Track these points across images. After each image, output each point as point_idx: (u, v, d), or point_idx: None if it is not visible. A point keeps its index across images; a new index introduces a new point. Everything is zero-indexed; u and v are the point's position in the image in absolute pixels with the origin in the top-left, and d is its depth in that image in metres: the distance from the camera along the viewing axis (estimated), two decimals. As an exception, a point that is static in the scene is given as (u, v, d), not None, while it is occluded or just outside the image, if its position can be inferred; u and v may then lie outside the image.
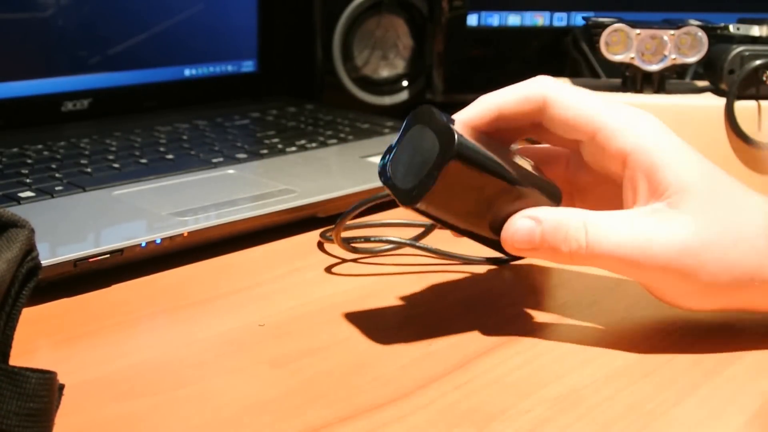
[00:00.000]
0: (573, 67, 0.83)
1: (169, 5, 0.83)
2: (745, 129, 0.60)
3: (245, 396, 0.37)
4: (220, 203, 0.56)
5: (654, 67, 0.62)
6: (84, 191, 0.58)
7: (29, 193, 0.56)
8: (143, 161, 0.65)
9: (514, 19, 0.84)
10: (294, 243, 0.56)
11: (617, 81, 0.65)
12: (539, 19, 0.84)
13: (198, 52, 0.86)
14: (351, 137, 0.75)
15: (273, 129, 0.78)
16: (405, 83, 0.91)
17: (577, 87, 0.45)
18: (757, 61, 0.60)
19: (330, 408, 0.36)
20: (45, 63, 0.76)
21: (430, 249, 0.52)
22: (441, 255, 0.53)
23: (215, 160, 0.66)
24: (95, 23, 0.78)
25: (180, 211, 0.54)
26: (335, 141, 0.74)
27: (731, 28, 0.64)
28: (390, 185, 0.41)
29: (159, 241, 0.50)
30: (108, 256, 0.48)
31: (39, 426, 0.29)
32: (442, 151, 0.39)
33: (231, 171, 0.65)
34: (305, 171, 0.65)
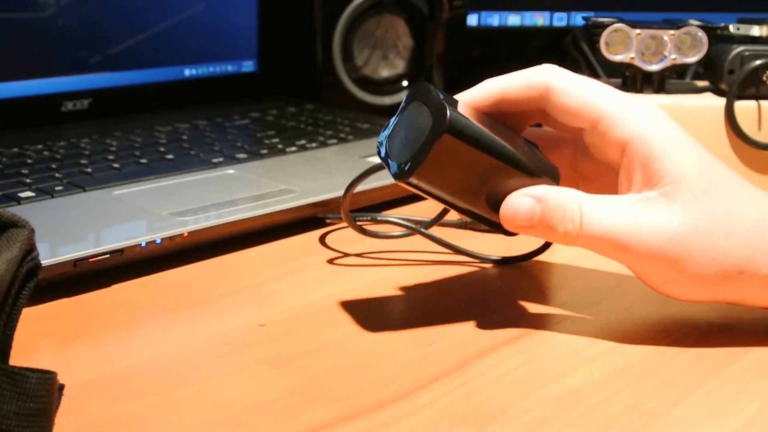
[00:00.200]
0: (573, 67, 0.82)
1: (169, 5, 0.83)
2: (745, 129, 0.60)
3: (245, 396, 0.37)
4: (220, 203, 0.56)
5: (654, 67, 0.62)
6: (84, 191, 0.58)
7: (29, 193, 0.56)
8: (143, 161, 0.65)
9: (514, 19, 0.84)
10: (294, 243, 0.56)
11: (617, 81, 0.65)
12: (539, 19, 0.84)
13: (198, 52, 0.86)
14: (351, 137, 0.75)
15: (273, 129, 0.78)
16: (405, 83, 0.91)
17: (582, 75, 0.44)
18: (757, 61, 0.60)
19: (330, 408, 0.36)
20: (45, 63, 0.76)
21: (436, 238, 0.53)
22: (447, 246, 0.53)
23: (215, 160, 0.66)
24: (95, 23, 0.78)
25: (180, 211, 0.54)
26: (335, 141, 0.74)
27: (731, 28, 0.64)
28: (385, 160, 0.42)
29: (159, 241, 0.50)
30: (108, 256, 0.48)
31: (39, 426, 0.29)
32: (434, 126, 0.40)
33: (231, 171, 0.65)
34: (305, 171, 0.65)
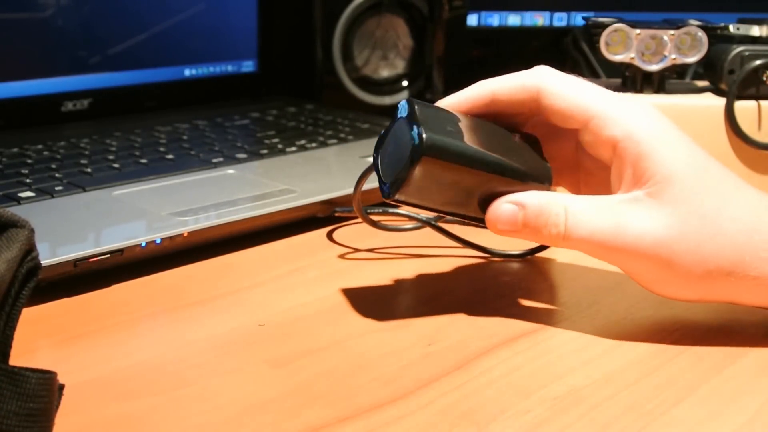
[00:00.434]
0: (573, 67, 0.82)
1: (169, 5, 0.83)
2: (745, 129, 0.60)
3: (245, 396, 0.37)
4: (220, 203, 0.56)
5: (654, 67, 0.62)
6: (84, 191, 0.58)
7: (29, 193, 0.56)
8: (143, 161, 0.65)
9: (514, 19, 0.84)
10: (294, 243, 0.56)
11: (617, 81, 0.65)
12: (539, 19, 0.84)
13: (198, 52, 0.86)
14: (351, 137, 0.75)
15: (273, 129, 0.77)
16: (405, 83, 0.91)
17: (574, 76, 0.44)
18: (757, 61, 0.60)
19: (330, 408, 0.36)
20: (45, 63, 0.76)
21: (446, 231, 0.53)
22: (456, 240, 0.53)
23: (215, 160, 0.66)
24: (95, 23, 0.78)
25: (180, 211, 0.54)
26: (335, 141, 0.74)
27: (731, 28, 0.64)
28: (377, 172, 0.43)
29: (159, 241, 0.50)
30: (108, 256, 0.48)
31: (39, 426, 0.29)
32: (414, 149, 0.40)
33: (231, 171, 0.65)
34: (305, 171, 0.65)
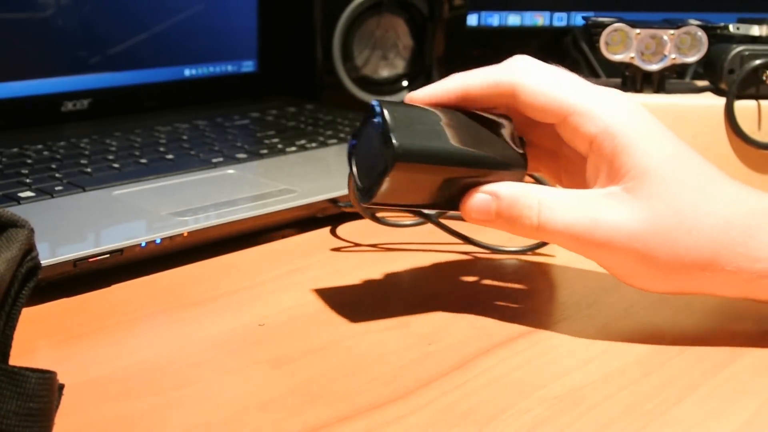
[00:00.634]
0: (573, 67, 0.82)
1: (169, 5, 0.83)
2: (745, 129, 0.60)
3: (245, 396, 0.37)
4: (220, 203, 0.56)
5: (654, 67, 0.62)
6: (84, 191, 0.58)
7: (29, 193, 0.56)
8: (143, 161, 0.65)
9: (514, 19, 0.84)
10: (294, 243, 0.56)
11: (617, 81, 0.65)
12: (539, 19, 0.84)
13: (198, 52, 0.86)
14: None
15: (273, 129, 0.77)
16: (405, 83, 0.91)
17: (550, 67, 0.44)
18: (757, 61, 0.60)
19: (330, 408, 0.36)
20: (45, 63, 0.76)
21: (447, 228, 0.53)
22: (457, 236, 0.53)
23: (215, 160, 0.66)
24: (95, 23, 0.78)
25: (180, 211, 0.54)
26: (335, 141, 0.74)
27: (731, 28, 0.64)
28: (354, 180, 0.44)
29: (159, 241, 0.50)
30: (108, 256, 0.48)
31: (39, 426, 0.29)
32: (386, 155, 0.41)
33: (231, 171, 0.65)
34: (305, 171, 0.65)
